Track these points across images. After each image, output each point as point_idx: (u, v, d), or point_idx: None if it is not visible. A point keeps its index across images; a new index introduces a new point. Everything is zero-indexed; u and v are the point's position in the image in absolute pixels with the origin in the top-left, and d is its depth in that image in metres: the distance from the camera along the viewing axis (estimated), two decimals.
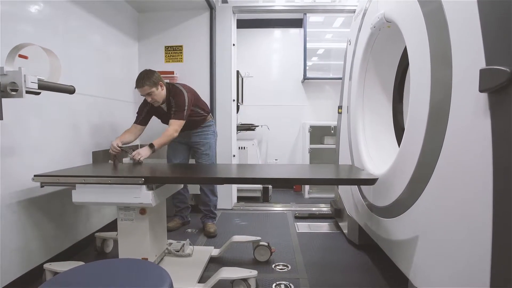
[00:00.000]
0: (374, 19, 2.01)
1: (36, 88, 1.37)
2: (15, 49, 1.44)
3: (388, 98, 2.38)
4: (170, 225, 2.92)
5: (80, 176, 1.79)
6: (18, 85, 1.30)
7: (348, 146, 2.63)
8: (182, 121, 2.60)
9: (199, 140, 2.91)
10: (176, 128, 2.58)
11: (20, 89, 1.30)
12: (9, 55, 1.43)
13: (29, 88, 1.33)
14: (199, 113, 2.85)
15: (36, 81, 1.36)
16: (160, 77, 2.59)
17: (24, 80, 1.30)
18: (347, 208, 2.71)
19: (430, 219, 1.38)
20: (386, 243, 1.90)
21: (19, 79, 1.29)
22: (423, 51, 1.44)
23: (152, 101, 2.61)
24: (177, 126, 2.58)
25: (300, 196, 4.39)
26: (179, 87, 2.71)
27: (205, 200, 3.00)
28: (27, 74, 1.32)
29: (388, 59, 2.26)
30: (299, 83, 4.77)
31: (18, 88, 1.30)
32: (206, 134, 2.94)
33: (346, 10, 3.80)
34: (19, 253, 1.87)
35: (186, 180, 2.23)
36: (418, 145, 1.45)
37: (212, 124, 3.02)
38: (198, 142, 2.91)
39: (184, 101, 2.62)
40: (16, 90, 1.30)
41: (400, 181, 1.63)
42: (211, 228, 2.89)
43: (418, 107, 1.50)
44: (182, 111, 2.60)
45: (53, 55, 1.55)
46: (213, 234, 2.85)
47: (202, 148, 2.92)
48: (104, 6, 2.80)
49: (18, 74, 1.30)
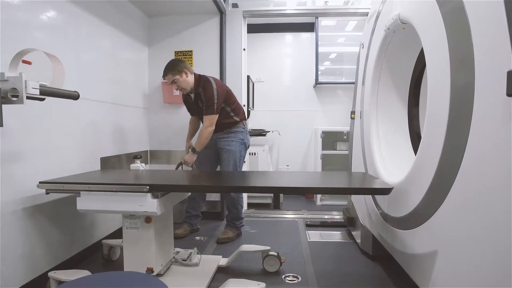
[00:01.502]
0: (388, 20, 1.93)
1: (37, 94, 1.34)
2: (18, 54, 1.41)
3: (403, 102, 2.28)
4: (178, 232, 2.86)
5: (85, 183, 1.75)
6: (19, 91, 1.26)
7: (361, 152, 2.54)
8: (214, 115, 2.58)
9: (223, 146, 2.79)
10: (207, 124, 2.57)
11: (20, 95, 1.26)
12: (13, 60, 1.41)
13: (30, 94, 1.30)
14: (228, 115, 2.74)
15: (37, 87, 1.33)
16: (185, 65, 2.63)
17: (25, 86, 1.27)
18: (360, 217, 2.61)
19: (451, 233, 1.28)
20: (402, 256, 1.80)
21: (19, 84, 1.26)
22: (441, 53, 1.36)
23: (179, 89, 2.66)
24: (209, 122, 2.57)
25: (312, 203, 4.29)
26: (208, 78, 2.68)
27: (227, 209, 2.95)
28: (28, 80, 1.29)
29: (403, 62, 2.17)
30: (311, 88, 4.69)
31: (19, 94, 1.27)
32: (231, 141, 2.79)
33: (359, 13, 3.71)
34: (23, 260, 1.84)
35: (191, 188, 2.16)
36: (437, 152, 1.36)
37: (242, 131, 2.84)
38: (222, 148, 2.80)
39: (212, 94, 2.59)
40: (17, 96, 1.27)
41: (417, 191, 1.53)
42: (222, 234, 2.84)
43: (436, 112, 1.41)
44: (212, 105, 2.58)
45: (56, 60, 1.52)
46: (220, 240, 2.78)
47: (224, 155, 2.77)
48: (114, 11, 2.80)
49: (19, 80, 1.27)
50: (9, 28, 1.68)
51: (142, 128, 3.40)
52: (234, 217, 2.92)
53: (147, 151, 3.50)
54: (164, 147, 3.55)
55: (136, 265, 1.87)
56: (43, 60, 1.57)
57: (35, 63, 1.53)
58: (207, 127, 2.59)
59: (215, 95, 2.59)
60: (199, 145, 2.58)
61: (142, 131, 3.41)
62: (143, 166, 2.49)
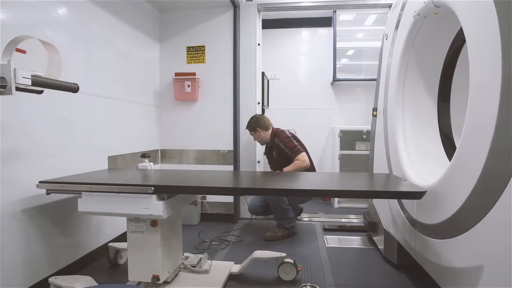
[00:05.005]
0: (419, 4, 1.74)
1: (29, 85, 1.21)
2: (12, 42, 1.30)
3: (433, 97, 2.08)
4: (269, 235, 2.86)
5: (86, 183, 1.62)
6: (7, 81, 1.14)
7: (384, 152, 2.34)
8: (302, 153, 2.90)
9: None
10: (301, 160, 2.86)
11: (9, 85, 1.14)
12: (6, 49, 1.29)
13: (20, 84, 1.17)
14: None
15: (29, 77, 1.20)
16: (259, 124, 3.06)
17: (14, 75, 1.14)
18: (384, 222, 2.41)
19: (502, 245, 1.08)
20: (436, 269, 1.59)
21: (8, 74, 1.13)
22: (490, 40, 1.16)
23: (257, 141, 3.18)
24: (301, 158, 2.87)
25: (329, 205, 4.10)
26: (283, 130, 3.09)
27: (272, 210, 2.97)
28: (17, 68, 1.16)
29: (433, 52, 1.97)
30: (328, 85, 4.49)
31: (7, 84, 1.14)
32: None
33: (380, 5, 3.50)
34: (23, 265, 1.73)
35: (199, 190, 1.99)
36: (483, 152, 1.17)
37: None
38: None
39: (288, 137, 2.99)
40: (5, 87, 1.14)
41: (456, 195, 1.34)
42: (271, 232, 2.86)
43: (481, 107, 1.22)
44: (294, 147, 2.91)
45: (52, 48, 1.39)
46: (266, 238, 2.83)
47: None
48: (125, 6, 2.69)
49: (7, 68, 1.14)
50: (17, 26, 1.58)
51: (152, 126, 3.28)
52: (279, 217, 2.91)
53: (157, 150, 3.38)
54: (175, 146, 3.42)
55: (141, 273, 1.73)
56: (41, 50, 1.45)
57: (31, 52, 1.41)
58: (301, 162, 2.86)
59: (292, 139, 2.99)
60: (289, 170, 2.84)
61: (153, 129, 3.30)
62: (151, 165, 2.36)
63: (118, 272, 2.17)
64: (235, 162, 3.34)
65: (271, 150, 3.12)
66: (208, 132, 3.38)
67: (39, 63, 1.51)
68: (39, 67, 1.47)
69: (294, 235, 2.92)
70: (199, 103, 3.38)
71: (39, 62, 1.52)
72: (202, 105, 3.38)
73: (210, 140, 3.38)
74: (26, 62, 1.36)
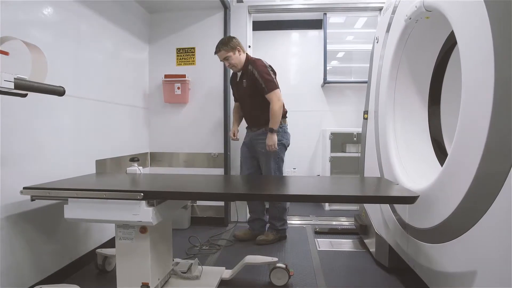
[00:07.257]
0: (411, 8, 1.74)
1: (12, 88, 1.16)
2: None
3: (423, 100, 2.09)
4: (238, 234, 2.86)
5: (73, 189, 1.58)
6: None
7: (375, 155, 2.34)
8: (277, 89, 2.53)
9: (261, 148, 2.66)
10: (275, 99, 2.51)
11: None
12: None
13: (2, 87, 1.12)
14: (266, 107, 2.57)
15: (11, 80, 1.15)
16: (239, 43, 2.66)
17: None
18: (375, 225, 2.41)
19: (496, 250, 1.08)
20: (428, 273, 1.59)
21: None
22: (482, 42, 1.16)
23: (230, 66, 2.69)
24: (275, 97, 2.51)
25: (319, 208, 4.09)
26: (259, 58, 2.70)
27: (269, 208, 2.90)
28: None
29: (424, 56, 1.98)
30: (318, 88, 4.50)
31: None
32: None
33: (370, 8, 3.53)
34: (7, 274, 1.66)
35: (189, 196, 1.94)
36: (476, 155, 1.17)
37: (279, 131, 2.66)
38: (260, 151, 2.67)
39: (265, 69, 2.57)
40: None
41: (449, 199, 1.33)
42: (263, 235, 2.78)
43: (474, 109, 1.22)
44: (270, 80, 2.54)
45: (37, 50, 1.35)
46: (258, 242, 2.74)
47: (263, 159, 2.65)
48: (114, 7, 2.64)
49: None
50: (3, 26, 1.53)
51: (142, 128, 3.23)
52: (273, 216, 2.82)
53: (147, 153, 3.33)
54: (165, 149, 3.37)
55: (130, 280, 1.69)
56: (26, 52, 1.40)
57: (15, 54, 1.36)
58: (276, 103, 2.51)
59: (269, 71, 2.57)
60: (275, 124, 2.51)
61: (142, 132, 3.24)
62: (140, 169, 2.31)
63: (107, 279, 2.11)
64: (226, 165, 3.30)
65: (242, 78, 2.71)
66: (198, 135, 3.34)
67: (24, 65, 1.47)
68: (23, 69, 1.43)
69: (285, 238, 2.89)
70: (189, 106, 3.34)
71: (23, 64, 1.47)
72: (192, 108, 3.34)
73: (200, 143, 3.34)
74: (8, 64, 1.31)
